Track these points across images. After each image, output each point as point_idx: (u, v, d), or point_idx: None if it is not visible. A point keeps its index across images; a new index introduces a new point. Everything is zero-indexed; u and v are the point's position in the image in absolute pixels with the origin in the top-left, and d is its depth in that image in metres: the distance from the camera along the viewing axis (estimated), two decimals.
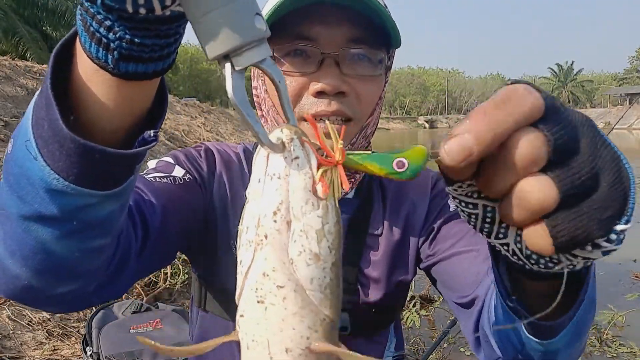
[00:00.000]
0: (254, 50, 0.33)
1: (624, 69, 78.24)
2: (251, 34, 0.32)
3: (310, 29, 0.64)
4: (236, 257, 0.70)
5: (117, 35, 0.33)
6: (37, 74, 5.63)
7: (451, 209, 0.77)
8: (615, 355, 2.69)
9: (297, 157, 0.34)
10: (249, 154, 0.80)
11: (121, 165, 0.38)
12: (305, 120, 0.66)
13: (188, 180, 0.69)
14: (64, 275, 0.44)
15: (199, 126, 9.06)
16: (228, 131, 11.62)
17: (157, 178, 0.66)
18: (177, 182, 0.67)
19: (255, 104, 0.75)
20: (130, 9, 0.30)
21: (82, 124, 0.37)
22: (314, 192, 0.34)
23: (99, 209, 0.39)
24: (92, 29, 0.33)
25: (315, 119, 0.66)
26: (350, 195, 0.77)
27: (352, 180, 0.75)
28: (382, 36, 0.67)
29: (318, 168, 0.35)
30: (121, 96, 0.37)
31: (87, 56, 0.34)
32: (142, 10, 0.31)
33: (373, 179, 0.81)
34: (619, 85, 72.90)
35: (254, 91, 0.75)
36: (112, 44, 0.33)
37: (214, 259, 0.74)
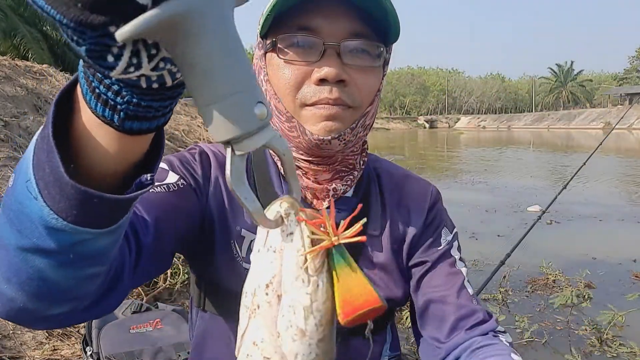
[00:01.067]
0: (254, 138, 0.34)
1: (624, 69, 78.19)
2: (249, 126, 0.33)
3: (312, 21, 0.66)
4: (235, 257, 0.71)
5: (125, 99, 0.33)
6: (37, 74, 5.63)
7: (442, 243, 0.79)
8: (615, 355, 2.69)
9: (291, 233, 0.36)
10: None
11: (118, 208, 0.39)
12: (306, 105, 0.68)
13: (182, 185, 0.70)
14: (59, 298, 0.45)
15: (198, 126, 9.05)
16: None
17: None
18: (170, 189, 0.67)
19: None
20: (143, 85, 0.31)
21: (81, 167, 0.38)
22: (305, 268, 0.35)
23: (95, 242, 0.40)
24: (97, 91, 0.33)
25: (317, 105, 0.67)
26: (349, 194, 0.78)
27: (351, 177, 0.76)
28: (382, 30, 0.68)
29: (312, 245, 0.36)
30: (122, 146, 0.37)
31: (92, 112, 0.35)
32: (155, 85, 0.32)
33: (372, 179, 0.81)
34: (619, 85, 72.87)
35: None
36: (119, 106, 0.33)
37: (212, 259, 0.74)
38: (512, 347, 0.71)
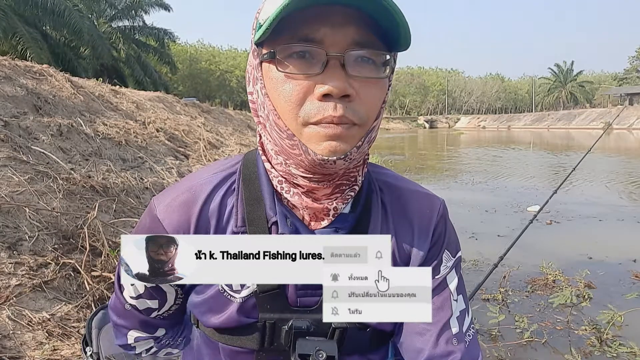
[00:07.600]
0: None
1: (624, 69, 78.05)
2: None
3: (315, 31, 0.61)
4: (222, 293, 0.71)
5: None
6: (37, 74, 5.62)
7: (440, 271, 0.75)
8: (615, 355, 2.69)
9: None
10: (223, 184, 0.74)
11: None
12: (309, 124, 0.62)
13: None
14: None
15: (199, 126, 9.05)
16: (228, 131, 11.60)
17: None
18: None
19: (252, 111, 0.73)
20: None
21: None
22: None
23: None
24: None
25: (322, 124, 0.62)
26: (346, 210, 0.73)
27: (351, 193, 0.72)
28: (390, 38, 0.63)
29: None
30: None
31: None
32: None
33: (373, 191, 0.77)
34: (619, 85, 72.79)
35: (249, 97, 0.72)
36: None
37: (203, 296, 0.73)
38: None
